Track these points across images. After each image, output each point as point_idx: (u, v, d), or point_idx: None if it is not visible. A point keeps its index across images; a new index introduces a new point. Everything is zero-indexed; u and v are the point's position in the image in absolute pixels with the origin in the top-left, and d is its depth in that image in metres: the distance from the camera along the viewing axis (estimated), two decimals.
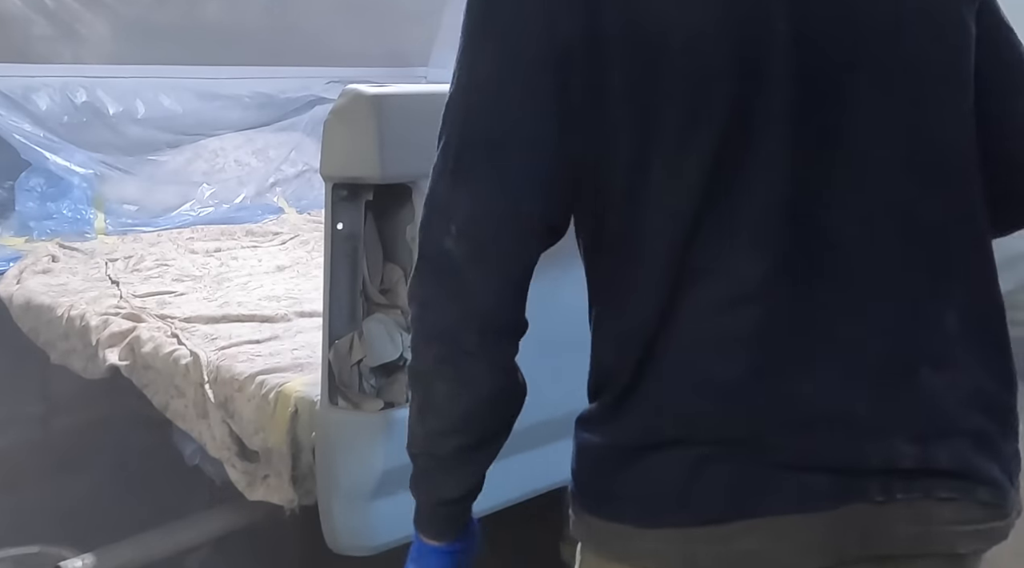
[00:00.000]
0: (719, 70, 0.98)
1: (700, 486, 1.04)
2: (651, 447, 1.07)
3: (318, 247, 2.51)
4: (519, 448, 1.92)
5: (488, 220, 1.03)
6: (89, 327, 2.28)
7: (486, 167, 1.03)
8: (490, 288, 1.06)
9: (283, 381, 1.88)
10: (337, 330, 1.67)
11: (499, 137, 1.02)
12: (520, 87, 1.01)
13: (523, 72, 1.01)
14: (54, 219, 3.20)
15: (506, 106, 1.02)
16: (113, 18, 3.60)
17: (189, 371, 2.02)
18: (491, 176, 1.03)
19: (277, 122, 3.87)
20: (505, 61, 1.02)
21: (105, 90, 3.42)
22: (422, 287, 1.08)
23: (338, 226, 1.64)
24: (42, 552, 2.31)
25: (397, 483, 1.70)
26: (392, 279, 1.71)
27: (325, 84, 3.91)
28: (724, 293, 1.01)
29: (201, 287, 2.62)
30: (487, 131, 1.03)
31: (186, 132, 3.63)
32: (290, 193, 3.73)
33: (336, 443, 1.69)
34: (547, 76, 1.00)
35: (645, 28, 0.98)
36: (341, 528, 1.70)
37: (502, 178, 1.02)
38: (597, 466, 1.15)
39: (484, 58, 1.04)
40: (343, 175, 1.63)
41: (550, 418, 1.96)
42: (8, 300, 2.57)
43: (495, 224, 1.03)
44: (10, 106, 3.20)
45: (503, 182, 1.02)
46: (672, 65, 0.98)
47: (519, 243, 1.05)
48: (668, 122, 0.99)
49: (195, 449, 2.08)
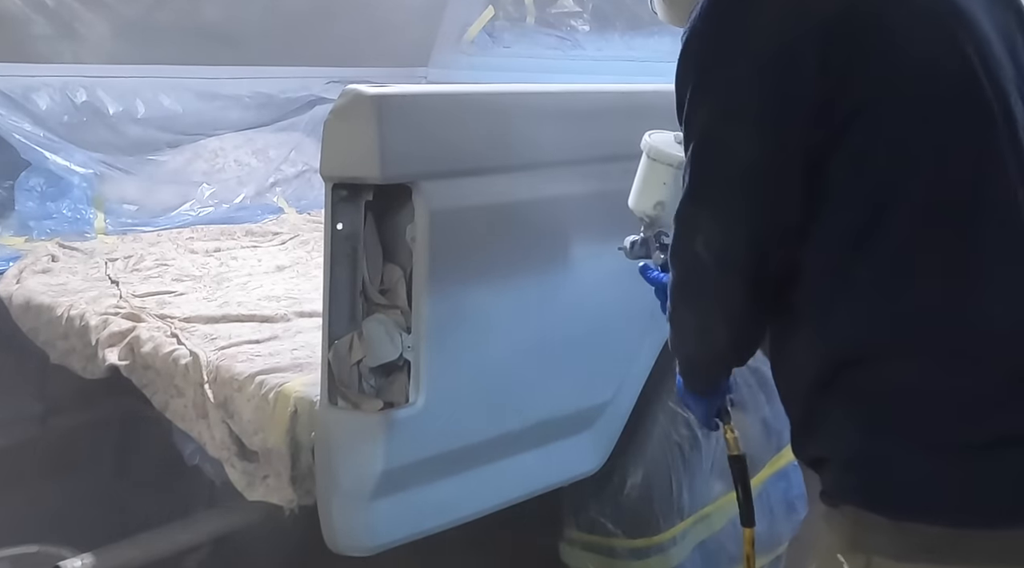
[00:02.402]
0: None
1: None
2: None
3: (318, 247, 2.51)
4: (519, 448, 1.92)
5: None
6: (89, 327, 2.28)
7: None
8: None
9: (283, 381, 1.88)
10: (337, 330, 1.67)
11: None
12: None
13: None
14: (54, 219, 3.19)
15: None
16: (113, 18, 3.60)
17: (189, 371, 2.02)
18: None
19: (277, 122, 3.86)
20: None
21: (105, 90, 3.41)
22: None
23: (338, 226, 1.64)
24: (41, 552, 2.31)
25: (396, 483, 1.71)
26: (392, 279, 1.71)
27: (325, 84, 3.90)
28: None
29: (201, 287, 2.61)
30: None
31: (186, 132, 3.62)
32: (290, 193, 3.72)
33: (336, 443, 1.69)
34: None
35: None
36: (341, 528, 1.70)
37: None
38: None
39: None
40: (343, 175, 1.63)
41: (550, 418, 1.96)
42: (8, 300, 2.56)
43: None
44: (10, 106, 3.19)
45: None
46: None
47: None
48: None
49: (195, 449, 2.08)
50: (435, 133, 1.69)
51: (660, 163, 1.56)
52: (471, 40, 3.94)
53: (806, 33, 1.12)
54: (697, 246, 1.25)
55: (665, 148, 1.56)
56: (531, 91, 1.96)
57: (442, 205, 1.66)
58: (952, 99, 1.14)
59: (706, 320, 1.32)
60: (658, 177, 1.56)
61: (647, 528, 2.23)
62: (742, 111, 1.17)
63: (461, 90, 2.25)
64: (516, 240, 1.81)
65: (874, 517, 1.14)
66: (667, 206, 1.55)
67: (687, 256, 1.28)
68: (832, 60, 1.11)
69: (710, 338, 1.35)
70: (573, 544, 2.30)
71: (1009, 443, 1.11)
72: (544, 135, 1.85)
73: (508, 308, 1.82)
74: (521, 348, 1.85)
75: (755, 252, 1.21)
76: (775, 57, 1.13)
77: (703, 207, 1.24)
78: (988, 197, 1.13)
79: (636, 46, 3.50)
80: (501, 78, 3.48)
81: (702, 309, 1.32)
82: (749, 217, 1.20)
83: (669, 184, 1.54)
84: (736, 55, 1.16)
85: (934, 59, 1.14)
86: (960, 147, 1.14)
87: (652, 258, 1.63)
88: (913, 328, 1.13)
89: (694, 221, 1.26)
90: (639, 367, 2.14)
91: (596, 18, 3.73)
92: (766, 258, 1.21)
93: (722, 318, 1.30)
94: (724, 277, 1.24)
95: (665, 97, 1.31)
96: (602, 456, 2.08)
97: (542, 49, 3.76)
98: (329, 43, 3.93)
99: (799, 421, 1.25)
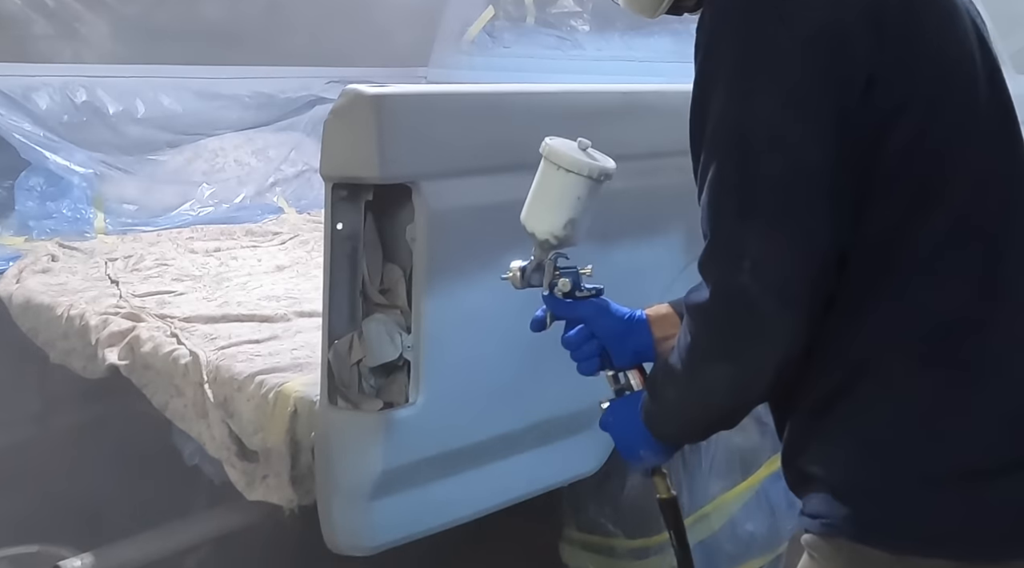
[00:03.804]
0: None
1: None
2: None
3: (318, 247, 2.51)
4: (519, 448, 1.92)
5: None
6: (88, 326, 2.28)
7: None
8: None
9: (282, 381, 1.88)
10: (337, 330, 1.67)
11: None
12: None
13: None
14: (54, 218, 3.20)
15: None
16: (113, 18, 3.61)
17: (188, 371, 2.02)
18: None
19: (277, 122, 3.87)
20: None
21: (105, 90, 3.42)
22: None
23: (338, 226, 1.64)
24: (41, 552, 2.31)
25: (396, 483, 1.71)
26: (392, 279, 1.71)
27: (325, 84, 3.91)
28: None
29: (201, 287, 2.61)
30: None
31: (186, 132, 3.62)
32: (290, 193, 3.73)
33: (335, 443, 1.69)
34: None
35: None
36: (340, 528, 1.70)
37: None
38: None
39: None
40: (343, 175, 1.63)
41: (550, 418, 1.96)
42: (7, 299, 2.56)
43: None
44: (10, 105, 3.20)
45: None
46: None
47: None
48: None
49: (194, 449, 2.08)
50: (435, 133, 1.69)
51: (573, 174, 1.33)
52: (471, 40, 3.94)
53: (860, 9, 1.03)
54: (743, 277, 1.04)
55: (579, 156, 1.33)
56: (531, 91, 1.96)
57: (442, 205, 1.66)
58: (987, 105, 1.11)
59: (750, 372, 1.10)
60: (571, 190, 1.33)
61: (647, 528, 2.23)
62: (794, 100, 1.02)
63: (461, 90, 2.25)
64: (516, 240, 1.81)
65: (872, 552, 1.07)
66: (578, 225, 1.34)
67: (728, 292, 1.06)
68: (887, 40, 1.03)
69: (750, 393, 1.13)
70: (573, 544, 2.30)
71: (1011, 471, 1.06)
72: (544, 135, 1.85)
73: (508, 308, 1.82)
74: (521, 348, 1.85)
75: (816, 274, 1.04)
76: (832, 36, 1.02)
77: (752, 221, 1.04)
78: (1015, 212, 1.10)
79: (636, 46, 3.50)
80: (501, 78, 3.49)
81: (749, 361, 1.09)
82: (809, 230, 1.03)
83: (583, 198, 1.33)
84: (785, 35, 1.02)
85: (968, 59, 1.11)
86: (996, 158, 1.10)
87: (553, 287, 1.39)
88: (917, 350, 1.07)
89: (739, 242, 1.05)
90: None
91: (596, 18, 3.73)
92: (824, 280, 1.05)
93: (773, 366, 1.08)
94: (782, 313, 1.04)
95: (665, 97, 1.30)
96: (602, 456, 2.08)
97: (542, 49, 3.77)
98: (329, 43, 3.93)
99: (795, 434, 1.18)
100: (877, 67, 1.03)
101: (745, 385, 1.12)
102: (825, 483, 1.11)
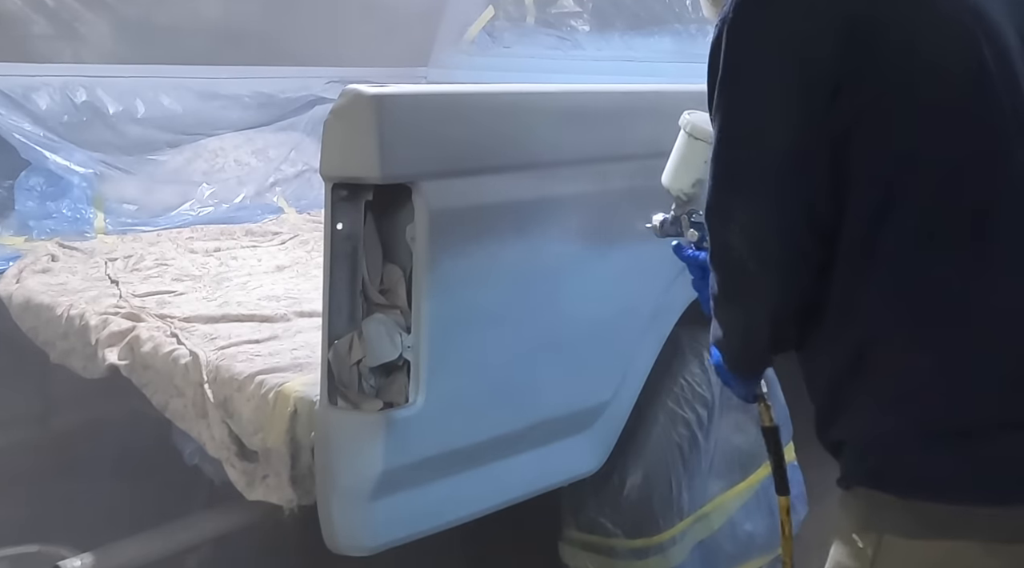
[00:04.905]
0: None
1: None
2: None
3: (318, 247, 2.51)
4: (519, 448, 1.92)
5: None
6: (88, 326, 2.28)
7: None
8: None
9: (282, 381, 1.88)
10: (337, 330, 1.67)
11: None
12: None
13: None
14: (54, 218, 3.19)
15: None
16: (113, 18, 3.61)
17: (188, 371, 2.02)
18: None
19: (277, 122, 3.87)
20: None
21: (105, 90, 3.41)
22: None
23: (338, 226, 1.64)
24: (41, 552, 2.32)
25: (396, 483, 1.71)
26: (392, 279, 1.71)
27: (325, 84, 3.91)
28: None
29: (201, 287, 2.62)
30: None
31: (186, 132, 3.62)
32: (290, 193, 3.73)
33: (335, 443, 1.69)
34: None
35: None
36: (340, 528, 1.70)
37: None
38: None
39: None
40: (343, 175, 1.63)
41: (550, 418, 1.96)
42: (7, 299, 2.56)
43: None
44: (10, 105, 3.19)
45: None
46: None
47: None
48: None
49: (194, 449, 2.08)
50: (435, 133, 1.69)
51: (701, 141, 1.58)
52: (471, 40, 3.94)
53: (829, 24, 1.16)
54: (732, 236, 1.26)
55: (706, 126, 1.56)
56: (531, 91, 1.96)
57: (442, 205, 1.66)
58: (963, 107, 1.16)
59: (751, 317, 1.33)
60: (698, 155, 1.58)
61: (646, 528, 2.23)
62: (770, 98, 1.20)
63: (461, 90, 2.25)
64: (516, 240, 1.81)
65: (883, 496, 1.20)
66: (705, 184, 1.57)
67: (723, 251, 1.29)
68: (852, 51, 1.15)
69: (757, 335, 1.36)
70: (573, 544, 2.30)
71: (1010, 429, 1.15)
72: (544, 135, 1.85)
73: (508, 308, 1.82)
74: (521, 348, 1.85)
75: (788, 240, 1.23)
76: (802, 45, 1.17)
77: (736, 194, 1.26)
78: (1000, 200, 1.16)
79: (636, 46, 3.49)
80: (501, 78, 3.49)
81: (749, 309, 1.33)
82: (779, 204, 1.22)
83: (709, 162, 1.57)
84: (765, 43, 1.20)
85: (948, 66, 1.16)
86: (969, 154, 1.16)
87: (685, 236, 1.65)
88: (925, 315, 1.17)
89: (728, 209, 1.27)
90: (639, 367, 2.14)
91: (596, 18, 3.73)
92: (797, 244, 1.23)
93: (767, 314, 1.31)
94: (761, 272, 1.26)
95: (665, 97, 1.31)
96: (602, 456, 2.08)
97: (542, 49, 3.76)
98: (329, 43, 3.94)
99: (824, 408, 1.29)
100: (843, 76, 1.16)
101: (748, 327, 1.35)
102: (848, 445, 1.26)
